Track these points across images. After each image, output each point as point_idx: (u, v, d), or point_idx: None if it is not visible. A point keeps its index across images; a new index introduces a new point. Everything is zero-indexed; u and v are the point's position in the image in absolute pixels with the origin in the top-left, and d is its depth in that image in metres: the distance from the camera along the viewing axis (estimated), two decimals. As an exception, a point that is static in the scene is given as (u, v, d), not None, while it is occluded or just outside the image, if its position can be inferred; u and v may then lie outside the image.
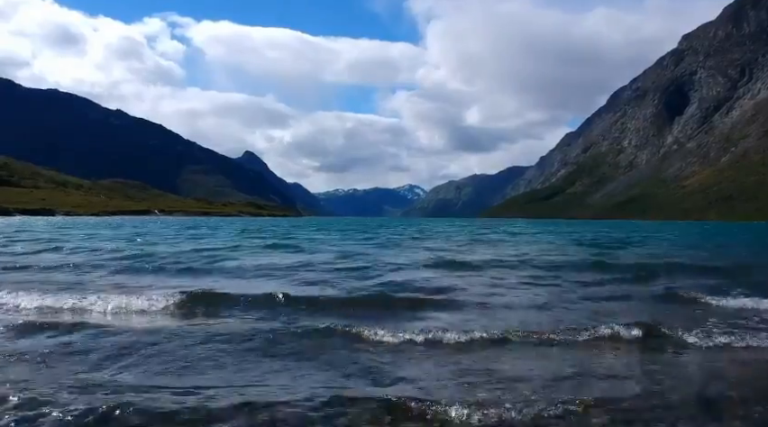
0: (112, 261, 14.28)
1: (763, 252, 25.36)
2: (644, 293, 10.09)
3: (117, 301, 7.88)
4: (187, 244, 22.34)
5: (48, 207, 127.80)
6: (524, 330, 6.50)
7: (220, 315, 7.50)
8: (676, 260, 16.91)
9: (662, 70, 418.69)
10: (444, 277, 11.87)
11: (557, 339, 6.22)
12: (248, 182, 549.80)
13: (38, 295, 8.33)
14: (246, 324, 6.81)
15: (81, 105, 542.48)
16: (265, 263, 14.49)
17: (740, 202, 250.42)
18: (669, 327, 6.62)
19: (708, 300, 8.95)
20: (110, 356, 5.29)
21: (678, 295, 9.64)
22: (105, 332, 6.19)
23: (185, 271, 12.63)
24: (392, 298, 8.93)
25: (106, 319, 7.19)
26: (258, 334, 6.14)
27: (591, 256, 18.19)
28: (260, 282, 10.99)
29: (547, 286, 10.85)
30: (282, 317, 7.40)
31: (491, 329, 6.42)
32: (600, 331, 6.44)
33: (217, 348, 5.60)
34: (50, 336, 6.06)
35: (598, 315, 7.83)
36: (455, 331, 6.25)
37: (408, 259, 15.93)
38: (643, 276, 12.50)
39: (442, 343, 5.92)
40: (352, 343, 5.90)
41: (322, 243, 24.43)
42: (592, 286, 11.00)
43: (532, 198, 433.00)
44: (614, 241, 29.91)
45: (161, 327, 6.61)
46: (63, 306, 7.77)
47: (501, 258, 16.96)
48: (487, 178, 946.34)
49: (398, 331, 6.21)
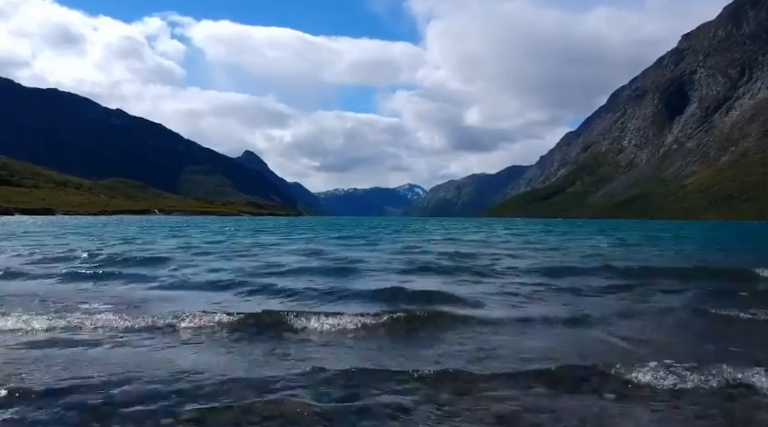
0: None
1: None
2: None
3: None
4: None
5: (48, 207, 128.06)
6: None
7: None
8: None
9: (661, 70, 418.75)
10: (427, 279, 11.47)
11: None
12: (248, 182, 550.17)
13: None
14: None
15: (81, 105, 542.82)
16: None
17: (740, 202, 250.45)
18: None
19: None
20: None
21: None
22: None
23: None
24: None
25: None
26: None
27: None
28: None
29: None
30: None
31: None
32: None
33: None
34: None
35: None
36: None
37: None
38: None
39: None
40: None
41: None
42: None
43: (532, 198, 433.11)
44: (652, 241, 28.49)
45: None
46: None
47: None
48: (487, 178, 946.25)
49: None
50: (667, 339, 5.99)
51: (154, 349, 5.26)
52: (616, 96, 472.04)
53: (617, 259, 15.33)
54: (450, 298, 8.25)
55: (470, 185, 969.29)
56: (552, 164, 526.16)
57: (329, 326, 6.15)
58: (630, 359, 4.81)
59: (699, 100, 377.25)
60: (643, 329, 6.43)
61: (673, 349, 5.41)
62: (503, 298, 8.59)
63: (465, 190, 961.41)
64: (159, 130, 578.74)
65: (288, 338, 5.79)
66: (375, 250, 19.16)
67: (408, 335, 6.05)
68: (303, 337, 5.83)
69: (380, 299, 8.22)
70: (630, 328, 6.46)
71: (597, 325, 6.53)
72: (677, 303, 8.19)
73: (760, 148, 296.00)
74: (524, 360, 4.95)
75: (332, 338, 5.81)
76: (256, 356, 5.09)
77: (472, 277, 11.14)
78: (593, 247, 22.64)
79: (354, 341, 5.71)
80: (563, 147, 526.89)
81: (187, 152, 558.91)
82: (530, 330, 6.30)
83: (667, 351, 5.28)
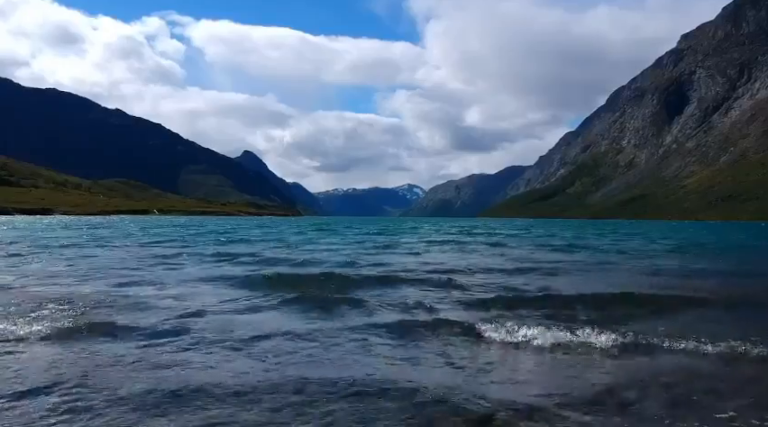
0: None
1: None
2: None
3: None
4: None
5: (47, 207, 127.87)
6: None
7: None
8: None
9: (661, 70, 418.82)
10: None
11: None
12: (248, 182, 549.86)
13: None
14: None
15: (81, 105, 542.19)
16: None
17: (739, 202, 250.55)
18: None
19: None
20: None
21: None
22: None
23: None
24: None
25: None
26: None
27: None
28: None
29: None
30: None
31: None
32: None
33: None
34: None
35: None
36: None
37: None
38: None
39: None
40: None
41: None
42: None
43: (531, 198, 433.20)
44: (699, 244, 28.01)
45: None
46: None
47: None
48: (486, 178, 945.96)
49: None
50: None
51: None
52: (615, 97, 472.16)
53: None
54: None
55: (469, 185, 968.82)
56: (551, 164, 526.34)
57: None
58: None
59: (699, 100, 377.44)
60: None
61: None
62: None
63: (464, 190, 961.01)
64: (158, 130, 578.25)
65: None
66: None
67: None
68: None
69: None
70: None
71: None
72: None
73: (759, 148, 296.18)
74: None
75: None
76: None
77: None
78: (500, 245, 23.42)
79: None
80: (563, 147, 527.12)
81: (186, 152, 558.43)
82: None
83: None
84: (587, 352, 5.46)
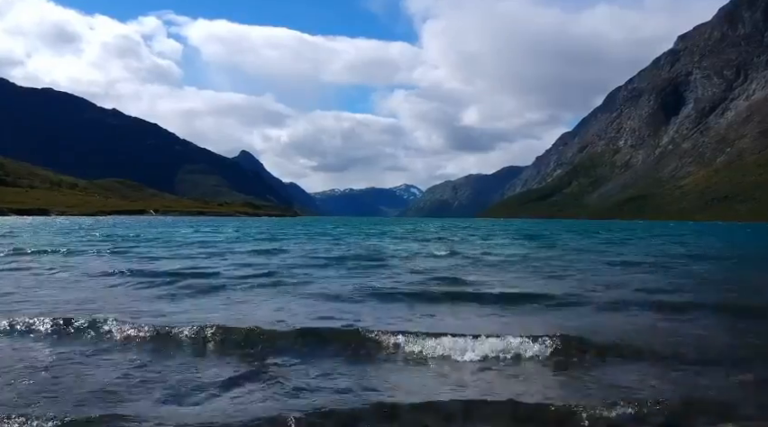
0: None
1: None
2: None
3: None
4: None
5: (43, 207, 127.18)
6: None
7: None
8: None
9: (657, 70, 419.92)
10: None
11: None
12: (245, 182, 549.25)
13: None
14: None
15: (77, 105, 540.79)
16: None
17: (736, 202, 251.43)
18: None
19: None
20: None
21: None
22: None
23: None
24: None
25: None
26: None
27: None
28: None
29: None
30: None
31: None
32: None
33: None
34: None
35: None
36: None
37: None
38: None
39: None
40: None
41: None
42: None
43: (529, 198, 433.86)
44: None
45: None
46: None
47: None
48: (484, 178, 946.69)
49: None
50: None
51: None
52: (612, 97, 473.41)
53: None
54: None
55: (466, 185, 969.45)
56: (548, 164, 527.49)
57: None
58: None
59: (695, 101, 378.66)
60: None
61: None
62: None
63: (462, 190, 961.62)
64: (155, 129, 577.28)
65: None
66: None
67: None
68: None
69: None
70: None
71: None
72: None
73: (755, 149, 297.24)
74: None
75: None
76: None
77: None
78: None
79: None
80: (560, 147, 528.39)
81: (183, 152, 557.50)
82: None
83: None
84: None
